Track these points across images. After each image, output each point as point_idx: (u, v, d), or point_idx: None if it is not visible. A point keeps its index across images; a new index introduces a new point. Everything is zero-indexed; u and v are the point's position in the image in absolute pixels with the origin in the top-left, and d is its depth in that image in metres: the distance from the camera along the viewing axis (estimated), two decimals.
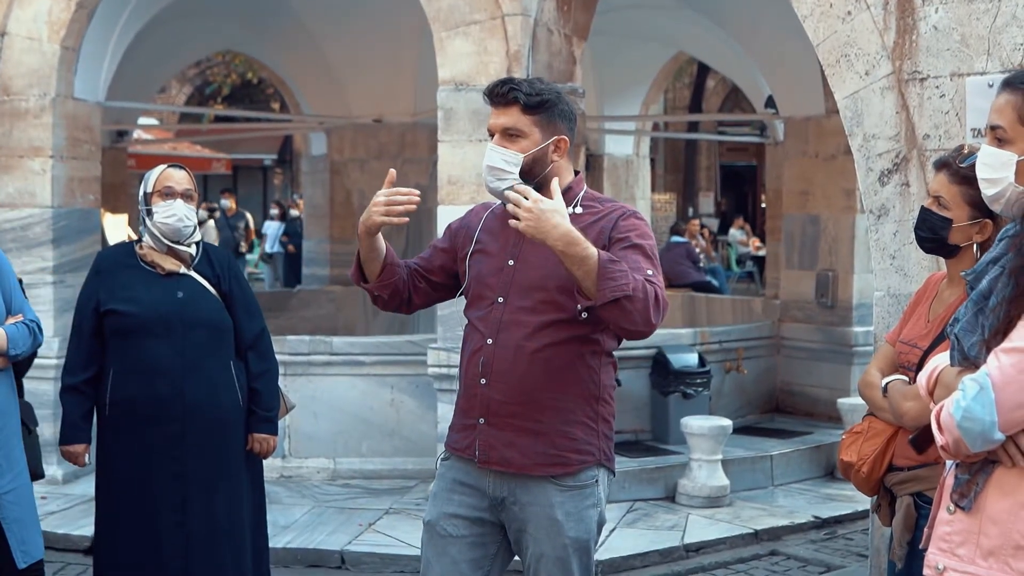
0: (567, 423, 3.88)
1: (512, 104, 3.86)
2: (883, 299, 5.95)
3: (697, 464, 8.72)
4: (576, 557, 3.90)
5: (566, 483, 3.89)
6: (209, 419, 5.20)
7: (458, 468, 3.99)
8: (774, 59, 11.92)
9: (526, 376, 3.82)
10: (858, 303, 10.98)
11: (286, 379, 8.38)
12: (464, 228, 4.10)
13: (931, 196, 3.89)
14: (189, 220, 5.22)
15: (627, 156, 16.42)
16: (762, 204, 29.83)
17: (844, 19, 6.07)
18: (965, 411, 2.79)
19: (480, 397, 3.87)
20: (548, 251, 3.66)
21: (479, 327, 3.90)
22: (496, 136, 3.88)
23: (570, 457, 3.89)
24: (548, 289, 3.81)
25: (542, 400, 3.84)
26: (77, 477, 8.73)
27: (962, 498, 2.90)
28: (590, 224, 3.84)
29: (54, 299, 8.83)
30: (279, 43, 14.74)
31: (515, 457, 3.85)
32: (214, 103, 33.42)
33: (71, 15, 8.88)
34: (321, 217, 17.01)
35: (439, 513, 3.99)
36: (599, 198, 4.01)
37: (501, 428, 3.86)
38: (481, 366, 3.86)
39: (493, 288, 3.90)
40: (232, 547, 5.29)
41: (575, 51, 8.83)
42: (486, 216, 4.06)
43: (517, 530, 3.94)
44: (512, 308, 3.85)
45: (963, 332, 2.95)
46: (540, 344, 3.82)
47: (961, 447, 2.83)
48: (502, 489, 3.91)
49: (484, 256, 3.96)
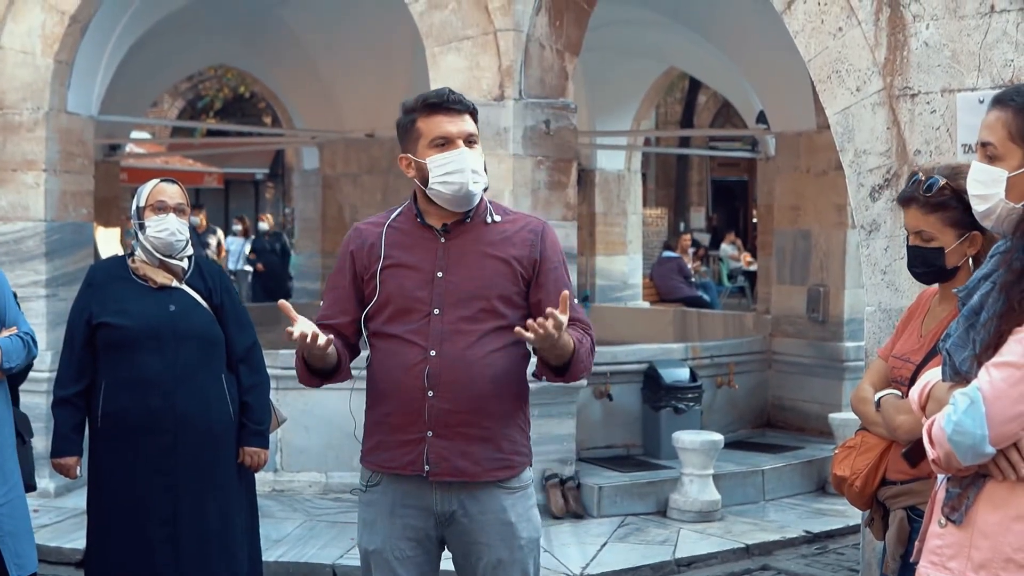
0: (508, 426, 3.96)
1: (466, 111, 3.97)
2: (874, 314, 5.97)
3: (688, 479, 8.72)
4: (531, 557, 4.02)
5: (511, 485, 3.98)
6: (200, 431, 5.20)
7: (396, 490, 3.97)
8: (765, 74, 11.95)
9: (474, 384, 3.86)
10: (849, 318, 10.98)
11: (278, 393, 8.36)
12: (364, 247, 4.04)
13: (910, 232, 3.88)
14: (181, 234, 5.24)
15: (618, 171, 16.44)
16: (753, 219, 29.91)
17: (835, 35, 6.09)
18: (956, 425, 2.81)
19: (428, 409, 3.86)
20: (476, 260, 3.90)
21: (414, 340, 3.89)
22: (460, 142, 3.92)
23: (513, 459, 3.98)
24: (488, 298, 3.89)
25: (489, 407, 3.89)
26: (69, 490, 8.72)
27: (953, 511, 2.92)
28: (514, 232, 4.00)
29: (47, 312, 8.82)
30: (271, 57, 14.75)
31: (467, 466, 3.88)
32: (206, 117, 33.40)
33: (64, 29, 8.89)
34: (313, 231, 16.99)
35: (385, 539, 3.97)
36: (499, 205, 4.12)
37: (451, 438, 3.87)
38: (427, 378, 3.85)
39: (423, 301, 3.90)
40: (223, 560, 5.29)
41: (567, 66, 8.86)
42: (386, 232, 4.02)
43: (467, 542, 3.97)
44: (451, 319, 3.88)
45: (954, 347, 2.97)
46: (484, 351, 3.87)
47: (952, 461, 2.85)
48: (450, 503, 3.93)
49: (403, 270, 3.94)
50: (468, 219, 3.98)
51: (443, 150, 3.91)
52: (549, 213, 8.41)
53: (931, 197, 3.74)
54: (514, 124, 8.39)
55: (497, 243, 3.96)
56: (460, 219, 3.97)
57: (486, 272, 3.90)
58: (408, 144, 4.02)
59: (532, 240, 3.98)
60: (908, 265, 3.95)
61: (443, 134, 3.93)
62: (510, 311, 3.90)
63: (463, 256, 3.92)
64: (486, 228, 3.99)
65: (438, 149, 3.92)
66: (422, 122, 3.97)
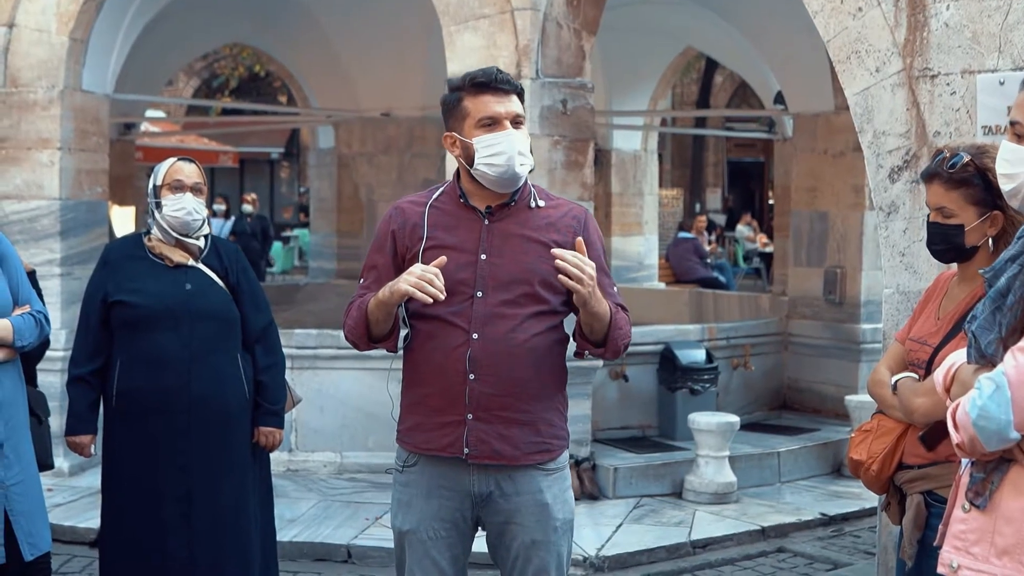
0: (548, 410, 3.96)
1: (513, 92, 3.91)
2: (892, 296, 5.94)
3: (704, 460, 8.71)
4: (565, 539, 4.03)
5: (549, 467, 3.97)
6: (215, 411, 5.19)
7: (432, 472, 3.95)
8: (783, 55, 11.90)
9: (516, 368, 3.84)
10: (866, 300, 10.95)
11: (293, 372, 8.38)
12: (406, 227, 4.01)
13: (932, 209, 3.85)
14: (198, 213, 5.22)
15: (635, 151, 16.42)
16: (770, 200, 29.83)
17: (855, 15, 6.05)
18: (981, 410, 2.78)
19: (469, 392, 3.85)
20: (520, 244, 3.88)
21: (456, 322, 3.86)
22: (507, 123, 3.87)
23: (552, 443, 3.98)
24: (531, 283, 3.86)
25: (529, 390, 3.88)
26: (83, 469, 8.73)
27: (977, 496, 2.90)
28: (558, 218, 3.98)
29: (61, 291, 8.82)
30: (287, 36, 14.74)
31: (506, 449, 3.87)
32: (221, 96, 33.44)
33: (79, 7, 8.87)
34: (328, 211, 17.02)
35: (420, 519, 3.96)
36: (542, 190, 4.08)
37: (490, 422, 3.86)
38: (469, 361, 3.83)
39: (466, 283, 3.87)
40: (237, 539, 5.29)
41: (584, 46, 8.82)
42: (428, 212, 3.99)
43: (502, 522, 3.95)
44: (494, 302, 3.85)
45: (980, 330, 2.94)
46: (527, 335, 3.86)
47: (977, 445, 2.83)
48: (487, 484, 3.91)
49: (444, 251, 3.89)
50: (512, 202, 3.95)
51: (490, 130, 3.86)
52: (565, 193, 8.37)
53: (954, 173, 3.72)
54: (531, 104, 8.35)
55: (541, 228, 3.93)
56: (504, 202, 3.94)
57: (529, 256, 3.87)
58: (453, 123, 3.95)
59: (575, 227, 3.96)
60: (927, 243, 3.92)
61: (491, 114, 3.86)
62: (551, 296, 3.87)
63: (506, 239, 3.89)
64: (530, 212, 3.96)
65: (485, 129, 3.86)
66: (469, 101, 3.90)
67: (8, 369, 4.96)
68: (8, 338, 4.92)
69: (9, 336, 4.92)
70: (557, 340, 3.96)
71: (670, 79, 17.44)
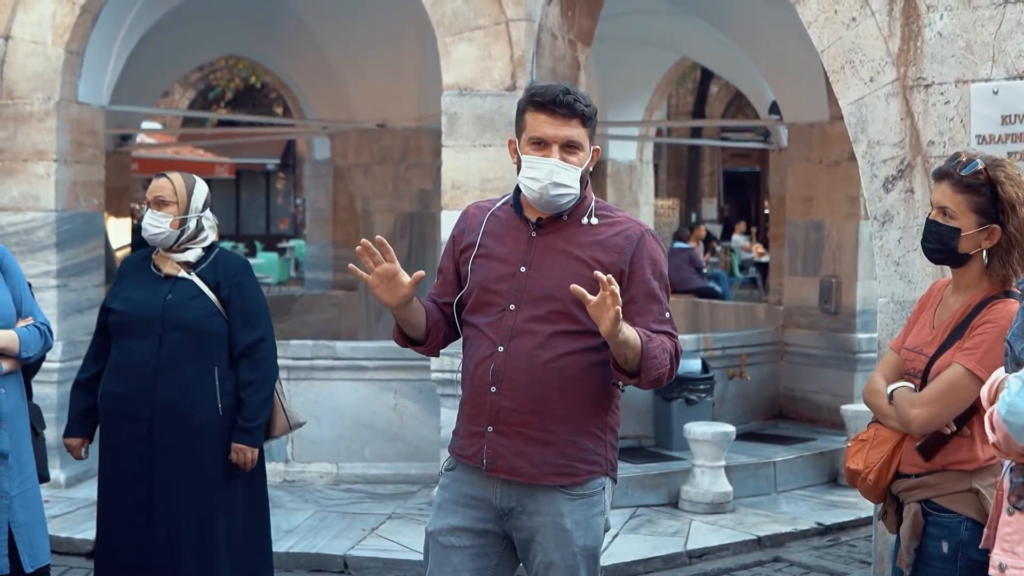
0: (577, 433, 3.86)
1: (575, 116, 3.80)
2: (887, 306, 5.95)
3: (700, 470, 8.71)
4: (585, 565, 3.90)
5: (575, 492, 3.87)
6: (177, 421, 5.21)
7: (464, 480, 3.94)
8: (778, 65, 11.91)
9: (538, 385, 3.79)
10: (862, 309, 10.95)
11: (289, 384, 8.38)
12: (465, 232, 4.02)
13: (935, 207, 3.87)
14: (155, 228, 5.31)
15: (630, 161, 16.42)
16: (765, 210, 29.85)
17: (849, 25, 6.06)
18: (1010, 406, 2.88)
19: (489, 405, 3.82)
20: (560, 260, 3.78)
21: (488, 333, 3.84)
22: (555, 147, 3.79)
23: (579, 467, 3.87)
24: (563, 300, 3.75)
25: (554, 410, 3.81)
26: (80, 481, 8.73)
27: (1019, 500, 3.04)
28: (608, 237, 3.85)
29: (58, 303, 8.80)
30: (282, 47, 14.74)
31: (523, 466, 3.82)
32: (217, 107, 33.46)
33: (75, 19, 8.87)
34: (324, 222, 17.00)
35: (443, 525, 3.94)
36: (608, 207, 3.98)
37: (510, 437, 3.82)
38: (492, 374, 3.81)
39: (503, 295, 3.84)
40: (199, 551, 5.27)
41: (579, 56, 8.83)
42: (487, 219, 3.98)
43: (525, 539, 3.90)
44: (524, 317, 3.80)
45: (1015, 338, 3.06)
46: (554, 354, 3.79)
47: (1011, 443, 2.93)
48: (510, 499, 3.87)
49: (489, 261, 3.89)
50: (565, 216, 3.87)
51: (537, 150, 3.79)
52: None
53: (965, 177, 3.75)
54: None
55: (586, 245, 3.83)
56: (556, 215, 3.86)
57: (567, 274, 3.74)
58: (517, 130, 3.91)
59: (625, 247, 3.84)
60: (922, 239, 3.93)
61: (540, 135, 3.79)
62: (586, 316, 3.65)
63: (548, 254, 3.81)
64: (580, 228, 3.86)
65: (533, 148, 3.80)
66: (529, 115, 3.83)
67: (12, 381, 4.99)
68: (14, 349, 4.95)
69: (15, 347, 4.95)
70: (595, 362, 3.84)
71: (665, 89, 17.45)
